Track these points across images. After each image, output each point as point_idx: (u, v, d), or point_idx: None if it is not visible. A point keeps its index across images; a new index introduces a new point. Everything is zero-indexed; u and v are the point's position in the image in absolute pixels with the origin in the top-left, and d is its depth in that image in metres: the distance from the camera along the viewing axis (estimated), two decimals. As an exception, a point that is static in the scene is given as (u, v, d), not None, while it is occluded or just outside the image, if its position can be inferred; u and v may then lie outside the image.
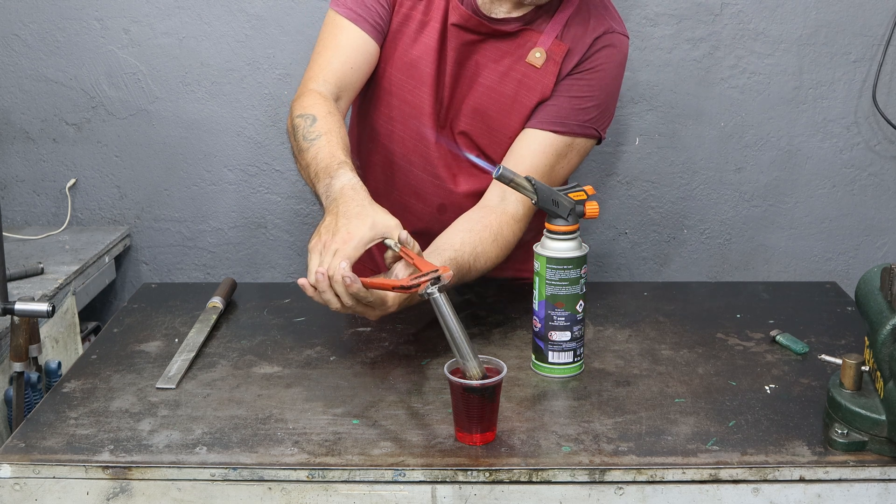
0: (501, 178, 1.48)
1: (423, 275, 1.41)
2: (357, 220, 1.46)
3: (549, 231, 1.49)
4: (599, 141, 1.83)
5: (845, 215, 2.39)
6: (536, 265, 1.50)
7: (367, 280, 1.44)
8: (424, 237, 1.63)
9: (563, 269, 1.48)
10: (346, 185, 1.51)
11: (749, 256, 2.42)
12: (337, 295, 1.45)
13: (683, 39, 2.28)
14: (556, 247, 1.49)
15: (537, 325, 1.52)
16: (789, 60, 2.29)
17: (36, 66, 2.35)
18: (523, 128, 1.78)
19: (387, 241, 1.48)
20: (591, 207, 1.50)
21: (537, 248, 1.51)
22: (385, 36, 1.79)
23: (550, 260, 1.48)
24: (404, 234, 1.47)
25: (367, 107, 1.88)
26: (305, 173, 1.63)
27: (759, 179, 2.37)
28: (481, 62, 1.79)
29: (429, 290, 1.38)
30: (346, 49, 1.75)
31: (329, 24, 1.79)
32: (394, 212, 1.51)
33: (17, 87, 2.36)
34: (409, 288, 1.40)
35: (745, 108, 2.32)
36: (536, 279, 1.51)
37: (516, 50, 1.77)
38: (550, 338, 1.51)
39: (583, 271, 1.50)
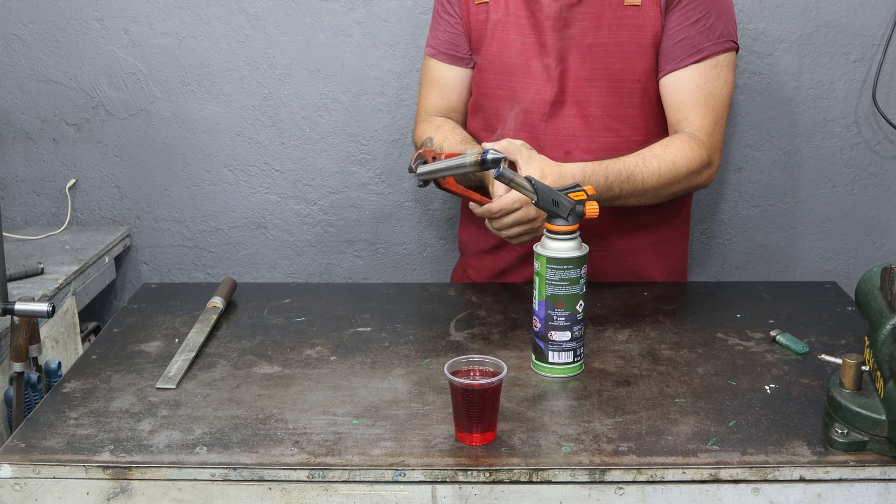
0: (501, 178, 1.48)
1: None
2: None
3: (549, 231, 1.49)
4: (737, 49, 1.87)
5: (845, 215, 2.39)
6: (536, 265, 1.51)
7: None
8: None
9: (564, 269, 1.48)
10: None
11: (749, 256, 2.42)
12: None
13: (683, 39, 2.28)
14: (556, 247, 1.49)
15: (537, 325, 1.52)
16: (789, 60, 2.29)
17: (36, 66, 2.35)
18: (651, 69, 1.82)
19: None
20: (591, 207, 1.50)
21: (537, 248, 1.51)
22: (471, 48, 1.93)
23: (550, 260, 1.48)
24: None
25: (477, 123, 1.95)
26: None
27: (759, 179, 2.36)
28: (584, 25, 1.82)
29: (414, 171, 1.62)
30: (437, 84, 1.99)
31: (423, 65, 2.03)
32: None
33: (17, 87, 2.36)
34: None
35: (745, 108, 2.32)
36: (536, 279, 1.51)
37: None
38: (550, 338, 1.51)
39: (583, 271, 1.50)
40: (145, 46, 2.32)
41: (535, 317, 1.53)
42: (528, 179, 1.49)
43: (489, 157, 1.49)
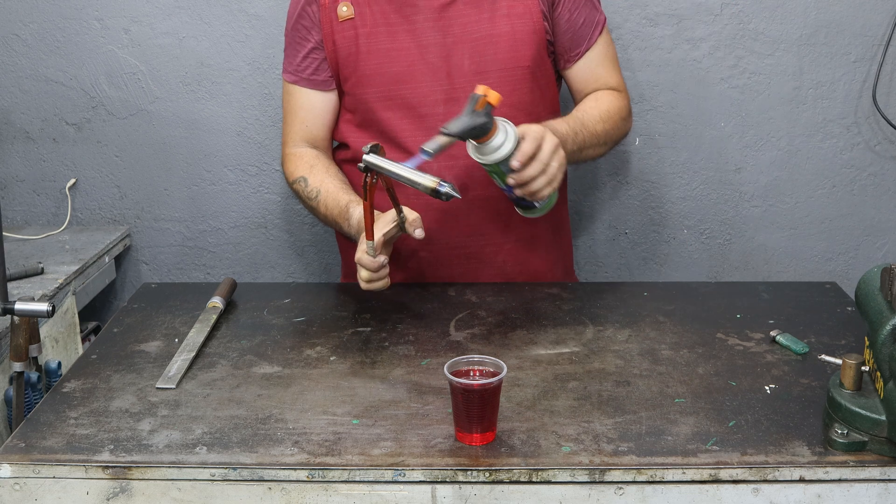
0: (440, 148, 1.57)
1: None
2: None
3: (484, 142, 1.62)
4: None
5: (845, 215, 2.39)
6: (488, 168, 1.67)
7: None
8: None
9: (507, 163, 1.64)
10: (359, 219, 1.76)
11: (749, 256, 2.42)
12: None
13: (683, 39, 2.28)
14: (493, 153, 1.63)
15: (513, 196, 1.71)
16: (789, 60, 2.29)
17: (36, 66, 2.35)
18: (536, 54, 1.84)
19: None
20: (491, 98, 1.60)
21: (477, 157, 1.65)
22: (336, 75, 1.91)
23: (501, 163, 1.64)
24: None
25: (355, 134, 1.93)
26: (326, 222, 1.90)
27: (759, 179, 2.36)
28: (464, 21, 1.83)
29: (363, 160, 1.57)
30: (300, 111, 1.95)
31: (284, 91, 1.98)
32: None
33: (17, 87, 2.36)
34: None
35: (745, 108, 2.32)
36: (496, 175, 1.68)
37: None
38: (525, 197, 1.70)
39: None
40: (145, 46, 2.32)
41: (507, 193, 1.71)
42: (443, 132, 1.57)
43: (443, 191, 1.55)
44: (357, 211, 1.78)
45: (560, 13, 1.87)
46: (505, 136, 1.63)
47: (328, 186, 1.87)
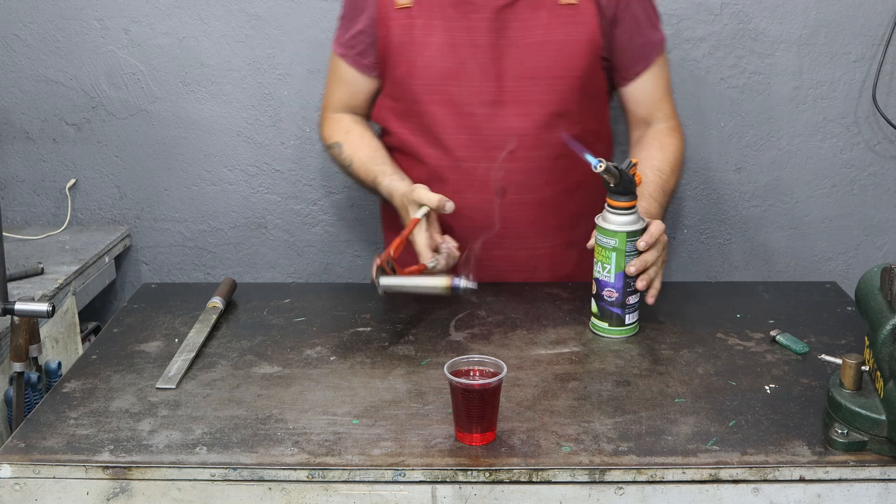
0: (606, 171, 1.58)
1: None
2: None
3: (622, 208, 1.62)
4: None
5: (845, 215, 2.39)
6: (612, 242, 1.62)
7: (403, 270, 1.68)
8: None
9: (637, 239, 1.62)
10: (385, 191, 1.85)
11: (749, 256, 2.42)
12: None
13: (683, 39, 2.28)
14: (629, 220, 1.62)
15: (613, 295, 1.65)
16: (789, 60, 2.29)
17: (36, 66, 2.35)
18: (588, 65, 1.83)
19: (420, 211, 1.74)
20: (638, 176, 1.64)
21: (608, 225, 1.62)
22: (383, 61, 1.90)
23: (630, 234, 1.62)
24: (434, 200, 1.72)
25: (405, 130, 1.92)
26: (362, 186, 1.97)
27: (759, 179, 2.37)
28: (520, 25, 1.82)
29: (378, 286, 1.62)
30: (345, 84, 1.98)
31: (332, 59, 2.00)
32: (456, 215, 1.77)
33: (17, 87, 2.36)
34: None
35: (745, 108, 2.32)
36: (613, 254, 1.62)
37: None
38: (628, 302, 1.65)
39: None
40: (145, 46, 2.32)
41: (607, 289, 1.65)
42: (616, 167, 1.58)
43: (461, 285, 1.60)
44: (385, 182, 1.85)
45: (621, 30, 1.85)
46: (639, 211, 1.66)
47: (360, 156, 1.92)
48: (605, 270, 1.64)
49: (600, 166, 1.56)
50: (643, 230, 1.63)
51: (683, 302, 1.84)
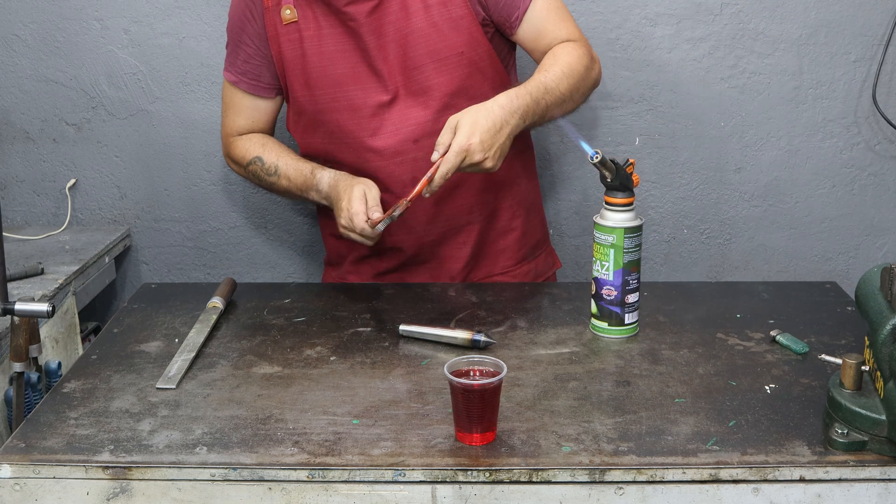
0: (602, 163, 1.59)
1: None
2: (346, 195, 1.80)
3: (620, 204, 1.62)
4: None
5: (845, 215, 2.39)
6: (609, 238, 1.62)
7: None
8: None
9: (635, 235, 1.63)
10: (329, 180, 1.86)
11: (749, 256, 2.42)
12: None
13: (683, 39, 2.28)
14: (626, 217, 1.62)
15: (612, 293, 1.64)
16: (789, 60, 2.29)
17: (36, 66, 2.35)
18: (469, 39, 1.84)
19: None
20: (635, 176, 1.64)
21: (606, 222, 1.62)
22: (282, 78, 1.92)
23: (628, 230, 1.62)
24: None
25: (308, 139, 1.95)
26: (290, 196, 1.98)
27: (759, 179, 2.36)
28: (394, 19, 1.83)
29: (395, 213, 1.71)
30: (246, 110, 2.00)
31: (225, 87, 2.02)
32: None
33: (17, 87, 2.36)
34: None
35: (745, 108, 2.32)
36: (612, 251, 1.62)
37: None
38: (627, 301, 1.65)
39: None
40: (145, 46, 2.32)
41: (606, 287, 1.64)
42: (612, 161, 1.59)
43: (481, 340, 1.62)
44: (326, 175, 1.86)
45: None
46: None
47: (286, 160, 1.93)
48: (604, 268, 1.64)
49: (596, 157, 1.56)
50: (641, 227, 1.64)
51: (683, 302, 1.84)
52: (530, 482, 1.30)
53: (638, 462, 1.31)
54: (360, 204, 1.76)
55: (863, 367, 1.35)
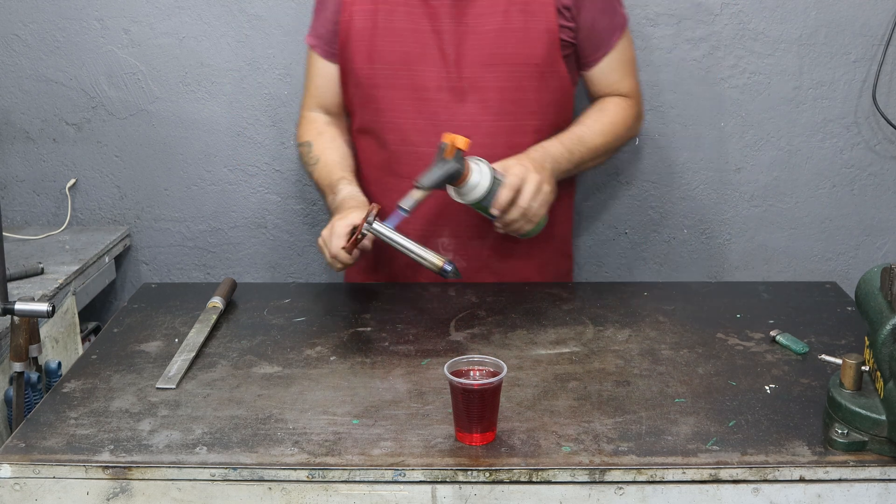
0: (421, 186, 1.66)
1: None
2: (343, 214, 1.79)
3: (458, 186, 1.69)
4: None
5: (845, 215, 2.39)
6: (472, 206, 1.73)
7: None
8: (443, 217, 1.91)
9: (488, 199, 1.69)
10: (344, 195, 1.86)
11: (749, 256, 2.42)
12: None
13: (683, 39, 2.28)
14: (469, 189, 1.69)
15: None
16: (789, 60, 2.29)
17: (36, 66, 2.35)
18: (546, 53, 1.84)
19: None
20: (459, 141, 1.65)
21: (460, 199, 1.71)
22: (344, 46, 1.91)
23: (481, 199, 1.69)
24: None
25: (363, 113, 1.94)
26: (318, 188, 1.99)
27: (759, 179, 2.36)
28: (479, 12, 1.83)
29: (366, 226, 1.69)
30: (316, 77, 2.00)
31: (308, 53, 2.02)
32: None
33: (17, 87, 2.36)
34: (354, 234, 1.73)
35: (745, 108, 2.32)
36: (480, 211, 1.73)
37: None
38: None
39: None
40: (145, 46, 2.32)
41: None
42: (418, 185, 1.65)
43: (449, 269, 1.68)
44: (345, 189, 1.87)
45: (583, 16, 1.86)
46: (480, 175, 1.69)
47: (327, 157, 1.94)
48: (485, 214, 1.74)
49: (408, 206, 1.66)
50: (486, 187, 1.68)
51: (683, 302, 1.84)
52: (530, 482, 1.30)
53: (638, 462, 1.31)
54: (346, 229, 1.75)
55: (863, 368, 1.35)
